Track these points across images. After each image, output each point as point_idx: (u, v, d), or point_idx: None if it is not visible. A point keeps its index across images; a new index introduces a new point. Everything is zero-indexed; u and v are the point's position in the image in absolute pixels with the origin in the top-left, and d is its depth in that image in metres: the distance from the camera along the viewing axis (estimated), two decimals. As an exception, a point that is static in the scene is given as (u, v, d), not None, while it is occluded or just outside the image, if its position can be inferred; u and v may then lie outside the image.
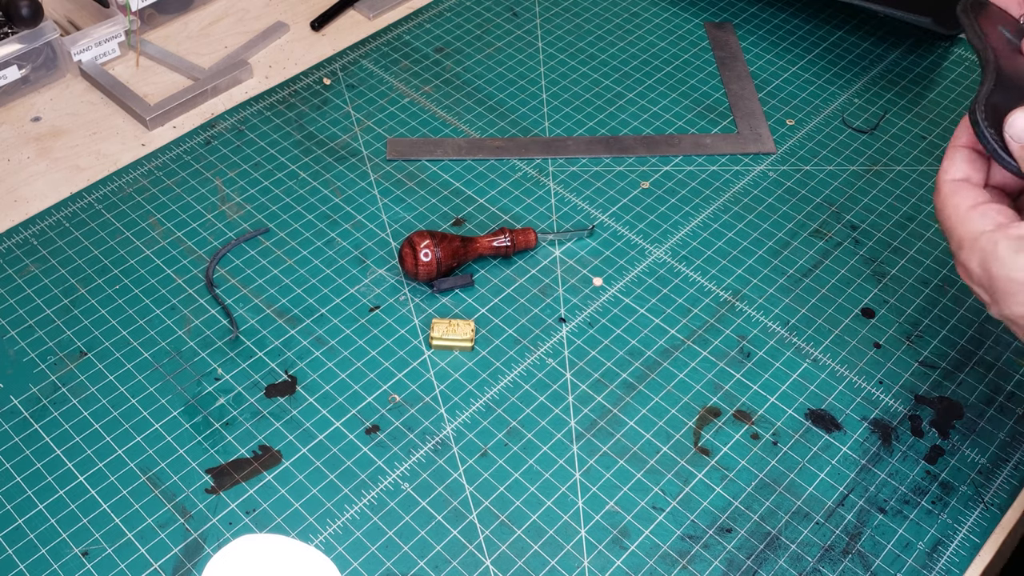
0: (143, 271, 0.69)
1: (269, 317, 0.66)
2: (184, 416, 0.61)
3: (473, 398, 0.62)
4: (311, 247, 0.71)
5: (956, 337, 0.66)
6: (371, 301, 0.68)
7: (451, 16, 0.92)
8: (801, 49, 0.89)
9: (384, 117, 0.81)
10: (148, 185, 0.75)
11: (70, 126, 0.81)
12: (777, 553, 0.55)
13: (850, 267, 0.70)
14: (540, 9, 0.93)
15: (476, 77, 0.86)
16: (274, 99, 0.83)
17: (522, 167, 0.77)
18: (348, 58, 0.87)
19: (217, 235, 0.72)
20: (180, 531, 0.55)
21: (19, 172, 0.77)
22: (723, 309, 0.67)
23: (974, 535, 0.56)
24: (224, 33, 0.90)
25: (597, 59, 0.88)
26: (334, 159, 0.78)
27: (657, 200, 0.75)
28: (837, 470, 0.59)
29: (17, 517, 0.56)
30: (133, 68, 0.86)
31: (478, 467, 0.59)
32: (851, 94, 0.84)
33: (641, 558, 0.55)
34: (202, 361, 0.64)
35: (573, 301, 0.68)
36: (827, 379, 0.63)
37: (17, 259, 0.70)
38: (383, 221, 0.73)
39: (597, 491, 0.57)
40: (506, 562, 0.54)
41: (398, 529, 0.56)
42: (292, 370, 0.63)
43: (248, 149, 0.79)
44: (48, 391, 0.62)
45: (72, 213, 0.73)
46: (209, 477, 0.58)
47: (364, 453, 0.59)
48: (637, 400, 0.62)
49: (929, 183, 0.76)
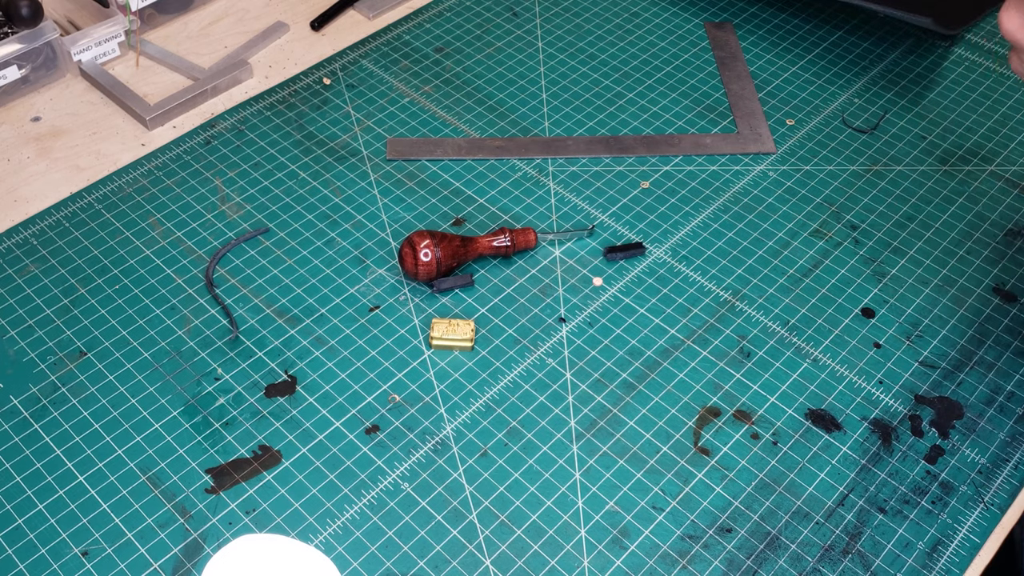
0: (143, 271, 0.69)
1: (269, 317, 0.66)
2: (184, 416, 0.61)
3: (473, 398, 0.62)
4: (311, 247, 0.71)
5: (956, 337, 0.66)
6: (371, 301, 0.67)
7: (451, 16, 0.92)
8: (801, 49, 0.89)
9: (384, 117, 0.81)
10: (148, 185, 0.75)
11: (70, 126, 0.81)
12: (777, 553, 0.55)
13: (850, 267, 0.70)
14: (540, 9, 0.93)
15: (476, 77, 0.86)
16: (274, 99, 0.83)
17: (522, 167, 0.77)
18: (348, 58, 0.87)
19: (217, 235, 0.72)
20: (180, 531, 0.55)
21: (19, 172, 0.77)
22: (723, 309, 0.67)
23: (974, 535, 0.56)
24: (224, 33, 0.90)
25: (597, 59, 0.88)
26: (334, 159, 0.78)
27: (657, 200, 0.75)
28: (837, 470, 0.59)
29: (17, 517, 0.56)
30: (133, 68, 0.86)
31: (478, 467, 0.59)
32: (851, 94, 0.84)
33: (641, 558, 0.55)
34: (202, 361, 0.64)
35: (573, 301, 0.68)
36: (827, 379, 0.63)
37: (17, 259, 0.70)
38: (383, 221, 0.73)
39: (597, 491, 0.57)
40: (506, 562, 0.54)
41: (398, 529, 0.56)
42: (292, 370, 0.63)
43: (248, 149, 0.79)
44: (48, 391, 0.62)
45: (72, 213, 0.73)
46: (209, 477, 0.58)
47: (364, 453, 0.59)
48: (637, 400, 0.62)
49: (929, 183, 0.77)
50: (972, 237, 0.72)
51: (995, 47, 0.89)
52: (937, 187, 0.76)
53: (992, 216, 0.74)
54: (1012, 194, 0.76)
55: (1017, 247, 0.72)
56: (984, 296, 0.68)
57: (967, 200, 0.75)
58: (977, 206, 0.75)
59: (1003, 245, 0.72)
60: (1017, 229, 0.73)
